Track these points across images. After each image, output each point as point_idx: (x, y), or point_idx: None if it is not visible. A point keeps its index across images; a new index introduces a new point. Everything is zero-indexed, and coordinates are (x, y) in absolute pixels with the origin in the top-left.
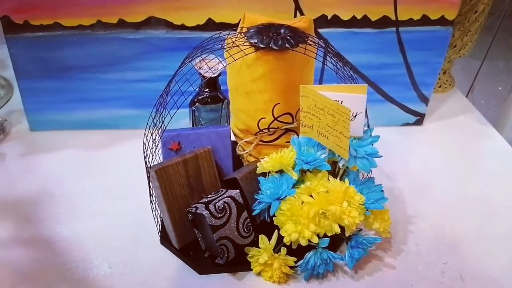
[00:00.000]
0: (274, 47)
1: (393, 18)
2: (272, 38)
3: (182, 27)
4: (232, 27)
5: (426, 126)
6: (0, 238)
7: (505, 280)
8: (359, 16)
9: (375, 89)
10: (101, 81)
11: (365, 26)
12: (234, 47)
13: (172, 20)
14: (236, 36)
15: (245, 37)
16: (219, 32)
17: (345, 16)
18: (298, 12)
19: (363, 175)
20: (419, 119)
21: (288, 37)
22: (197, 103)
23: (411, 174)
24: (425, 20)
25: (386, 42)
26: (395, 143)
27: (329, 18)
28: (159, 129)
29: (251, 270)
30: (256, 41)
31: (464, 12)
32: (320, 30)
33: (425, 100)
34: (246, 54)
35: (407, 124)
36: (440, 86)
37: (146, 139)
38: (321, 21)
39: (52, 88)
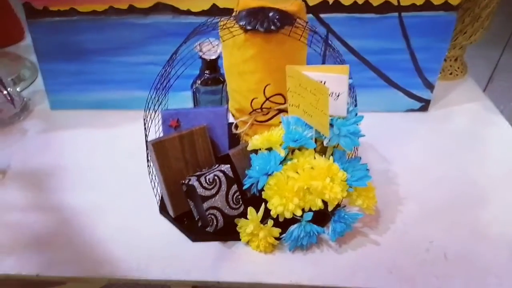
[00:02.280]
0: (260, 29)
1: (395, 3)
2: (259, 21)
3: (188, 12)
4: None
5: (432, 112)
6: (17, 204)
7: (488, 261)
8: (360, 1)
9: (378, 74)
10: (114, 64)
11: (367, 11)
12: (225, 29)
13: (178, 6)
14: (227, 19)
15: (235, 20)
16: (213, 17)
17: (346, 1)
18: None
19: (354, 154)
20: (424, 105)
21: (275, 20)
22: (197, 84)
23: (409, 159)
24: (428, 5)
25: (389, 27)
26: (397, 128)
27: (330, 3)
28: (159, 105)
29: (240, 240)
30: (244, 23)
31: None
32: (322, 15)
33: (430, 86)
34: (234, 36)
35: (412, 110)
36: (451, 73)
37: (146, 115)
38: (323, 6)
39: (70, 70)
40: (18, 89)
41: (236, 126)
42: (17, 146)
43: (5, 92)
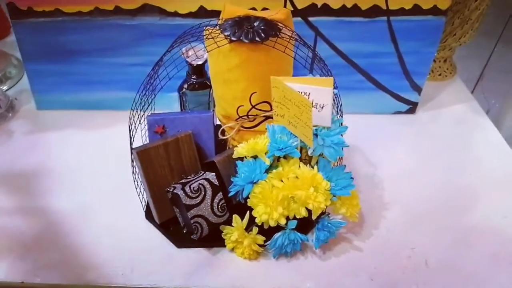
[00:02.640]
0: (245, 40)
1: (384, 7)
2: (243, 31)
3: (175, 14)
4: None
5: (419, 115)
6: (3, 207)
7: (470, 268)
8: (349, 5)
9: (366, 77)
10: (102, 64)
11: (356, 15)
12: (209, 38)
13: (166, 7)
14: (213, 27)
15: (220, 30)
16: (199, 23)
17: (335, 5)
18: (288, 1)
19: (339, 163)
20: (412, 107)
21: (260, 30)
22: (184, 89)
23: (395, 163)
24: (416, 10)
25: (377, 31)
26: (384, 131)
27: (319, 6)
28: (144, 111)
29: (225, 246)
30: (229, 33)
31: (464, 0)
32: (310, 19)
33: (417, 89)
34: (218, 46)
35: (399, 112)
36: (440, 74)
37: (131, 122)
38: (311, 10)
39: (56, 70)
40: (5, 88)
41: (223, 132)
42: (3, 147)
43: None
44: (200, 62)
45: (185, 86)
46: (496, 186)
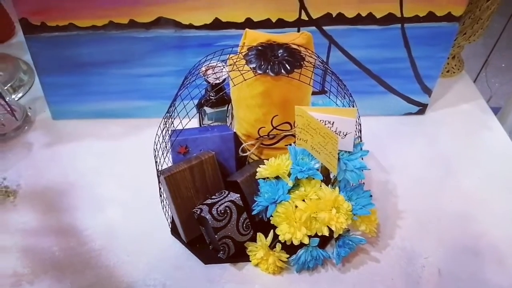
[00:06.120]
0: (271, 74)
1: (399, 15)
2: (269, 64)
3: (190, 26)
4: (238, 26)
5: (428, 115)
6: (32, 227)
7: (480, 279)
8: (364, 14)
9: (378, 81)
10: (116, 76)
11: (370, 23)
12: (235, 70)
13: (181, 20)
14: (237, 58)
15: (245, 60)
16: (221, 49)
17: (350, 14)
18: (302, 11)
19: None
20: (422, 109)
21: (285, 61)
22: (204, 106)
23: (407, 167)
24: (431, 17)
25: (391, 38)
26: (395, 133)
27: (334, 16)
28: (170, 135)
29: (250, 261)
30: (254, 66)
31: (475, 0)
32: (325, 28)
33: (428, 91)
34: (245, 79)
35: (409, 113)
36: (448, 71)
37: (156, 147)
38: (326, 19)
39: (71, 82)
40: (19, 95)
41: (243, 149)
42: (25, 162)
43: (2, 102)
44: (219, 81)
45: (204, 103)
46: (506, 191)
